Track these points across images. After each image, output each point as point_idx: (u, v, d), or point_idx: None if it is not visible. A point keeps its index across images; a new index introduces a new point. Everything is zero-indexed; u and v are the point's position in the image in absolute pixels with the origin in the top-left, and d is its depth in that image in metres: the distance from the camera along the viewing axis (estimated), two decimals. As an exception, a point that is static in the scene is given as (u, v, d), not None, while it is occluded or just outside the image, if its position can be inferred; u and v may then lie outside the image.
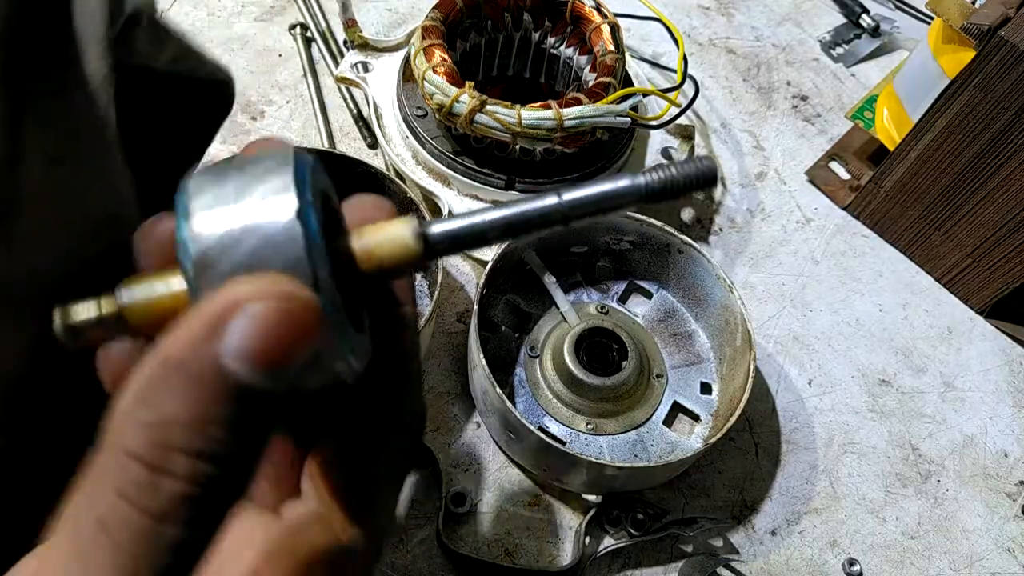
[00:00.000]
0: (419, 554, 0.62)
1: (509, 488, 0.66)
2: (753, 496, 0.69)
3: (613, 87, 0.70)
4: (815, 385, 0.75)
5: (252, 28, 0.91)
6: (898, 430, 0.74)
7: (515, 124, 0.66)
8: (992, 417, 0.76)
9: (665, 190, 0.25)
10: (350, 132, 0.84)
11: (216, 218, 0.23)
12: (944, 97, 0.72)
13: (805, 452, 0.71)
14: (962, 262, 0.80)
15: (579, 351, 0.67)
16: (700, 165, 0.25)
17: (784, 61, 1.00)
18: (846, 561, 0.66)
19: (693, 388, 0.70)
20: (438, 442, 0.67)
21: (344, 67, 0.79)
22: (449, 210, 0.72)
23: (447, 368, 0.71)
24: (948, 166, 0.75)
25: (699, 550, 0.65)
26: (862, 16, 1.02)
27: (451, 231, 0.25)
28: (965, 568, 0.67)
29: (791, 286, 0.81)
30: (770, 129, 0.93)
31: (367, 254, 0.26)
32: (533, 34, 0.79)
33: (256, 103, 0.85)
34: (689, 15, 1.03)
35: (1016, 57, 0.65)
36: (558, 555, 0.63)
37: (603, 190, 0.26)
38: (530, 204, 0.25)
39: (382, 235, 0.26)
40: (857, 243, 0.85)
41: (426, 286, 0.72)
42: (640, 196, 0.25)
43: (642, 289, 0.75)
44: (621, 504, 0.64)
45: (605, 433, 0.66)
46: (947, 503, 0.70)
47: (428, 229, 0.25)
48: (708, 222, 0.84)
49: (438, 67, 0.69)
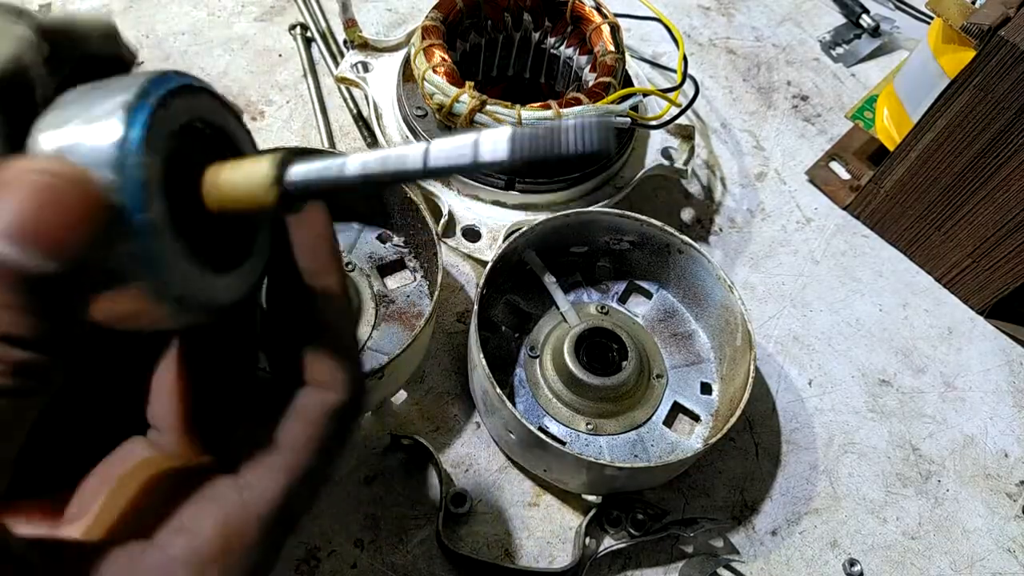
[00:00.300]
0: (419, 554, 0.62)
1: (509, 488, 0.66)
2: (753, 496, 0.68)
3: (613, 87, 0.70)
4: (815, 385, 0.75)
5: (252, 28, 0.91)
6: (898, 430, 0.74)
7: (515, 124, 0.66)
8: (992, 417, 0.76)
9: (538, 157, 0.22)
10: (350, 132, 0.84)
11: (55, 135, 0.23)
12: (944, 97, 0.72)
13: (805, 452, 0.71)
14: (962, 262, 0.80)
15: (579, 351, 0.66)
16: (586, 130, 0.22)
17: (784, 61, 1.00)
18: (846, 561, 0.66)
19: (693, 388, 0.70)
20: (438, 442, 0.67)
21: (344, 67, 0.79)
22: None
23: (447, 368, 0.71)
24: (948, 166, 0.75)
25: (699, 550, 0.65)
26: (862, 16, 1.02)
27: (309, 175, 0.24)
28: (966, 568, 0.67)
29: (791, 286, 0.81)
30: (770, 129, 0.93)
31: (212, 188, 0.25)
32: (533, 34, 0.79)
33: (256, 103, 0.85)
34: (689, 15, 1.03)
35: (1016, 57, 0.65)
36: (558, 556, 0.63)
37: (468, 159, 0.23)
38: (394, 151, 0.24)
39: (236, 172, 0.25)
40: (857, 243, 0.85)
41: (426, 286, 0.72)
42: (512, 161, 0.22)
43: (642, 289, 0.75)
44: (621, 504, 0.64)
45: (605, 433, 0.66)
46: (947, 503, 0.70)
47: (287, 170, 0.24)
48: (708, 222, 0.84)
49: (438, 67, 0.69)
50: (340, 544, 0.61)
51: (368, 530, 0.62)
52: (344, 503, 0.63)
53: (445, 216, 0.71)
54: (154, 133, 0.23)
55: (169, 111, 0.24)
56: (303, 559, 0.60)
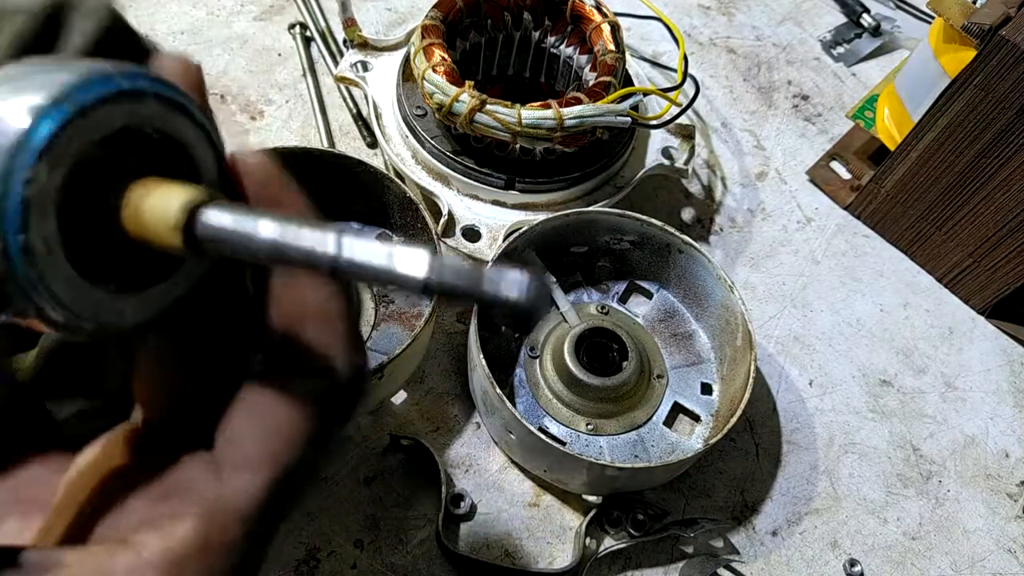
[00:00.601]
0: (419, 555, 0.61)
1: (509, 489, 0.66)
2: (754, 497, 0.68)
3: (613, 86, 0.70)
4: (816, 385, 0.75)
5: (251, 27, 0.91)
6: (899, 430, 0.74)
7: (515, 124, 0.66)
8: (993, 417, 0.76)
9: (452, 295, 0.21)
10: (350, 132, 0.84)
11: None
12: (945, 97, 0.72)
13: (806, 452, 0.71)
14: (963, 262, 0.80)
15: (579, 351, 0.66)
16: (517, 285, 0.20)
17: (785, 60, 1.00)
18: (847, 562, 0.66)
19: (694, 388, 0.70)
20: (438, 442, 0.67)
21: (343, 66, 0.79)
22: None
23: (447, 368, 0.70)
24: (949, 166, 0.75)
25: (700, 551, 0.65)
26: (863, 15, 1.02)
27: (222, 227, 0.22)
28: (966, 569, 0.67)
29: (792, 286, 0.81)
30: (771, 129, 0.93)
31: (131, 210, 0.23)
32: (533, 33, 0.79)
33: (255, 102, 0.85)
34: (689, 14, 1.03)
35: (1017, 57, 0.65)
36: (558, 556, 0.63)
37: (381, 265, 0.21)
38: (307, 235, 0.21)
39: (151, 199, 0.23)
40: (858, 243, 0.85)
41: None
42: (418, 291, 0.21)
43: (642, 289, 0.75)
44: (621, 505, 0.64)
45: (605, 434, 0.66)
46: (948, 503, 0.70)
47: (198, 215, 0.22)
48: (708, 222, 0.84)
49: (438, 66, 0.68)
50: (340, 544, 0.61)
51: (368, 530, 0.62)
52: (344, 503, 0.63)
53: (445, 216, 0.71)
54: (60, 143, 0.21)
55: (90, 120, 0.22)
56: (303, 559, 0.60)
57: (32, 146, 0.20)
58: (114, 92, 0.22)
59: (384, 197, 0.71)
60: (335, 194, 0.71)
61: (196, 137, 0.25)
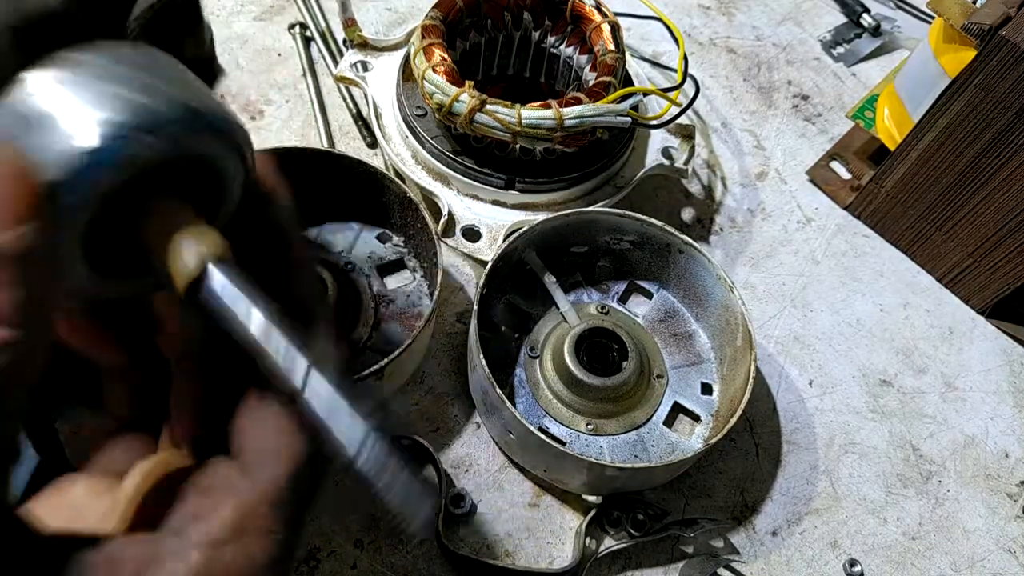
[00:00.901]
0: (419, 555, 0.61)
1: (509, 489, 0.66)
2: (754, 497, 0.68)
3: (613, 86, 0.70)
4: (816, 385, 0.75)
5: (251, 27, 0.91)
6: (899, 430, 0.74)
7: (515, 123, 0.66)
8: (993, 417, 0.76)
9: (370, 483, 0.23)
10: (350, 132, 0.84)
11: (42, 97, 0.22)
12: (945, 97, 0.72)
13: (806, 452, 0.71)
14: (963, 262, 0.80)
15: (579, 351, 0.66)
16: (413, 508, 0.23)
17: (785, 60, 1.00)
18: (847, 562, 0.66)
19: (694, 388, 0.70)
20: (438, 442, 0.67)
21: (343, 66, 0.79)
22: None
23: (447, 368, 0.70)
24: (949, 166, 0.75)
25: (700, 551, 0.65)
26: (863, 15, 1.02)
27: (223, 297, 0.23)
28: (966, 569, 0.67)
29: (792, 286, 0.81)
30: (771, 129, 0.93)
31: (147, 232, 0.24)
32: (533, 33, 0.79)
33: (255, 102, 0.85)
34: (689, 14, 1.03)
35: (1017, 57, 0.65)
36: (558, 556, 0.63)
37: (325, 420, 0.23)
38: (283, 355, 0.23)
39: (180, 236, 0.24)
40: (858, 243, 0.85)
41: (426, 286, 0.72)
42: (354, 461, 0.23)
43: (642, 289, 0.75)
44: (621, 505, 0.64)
45: (605, 434, 0.66)
46: (948, 503, 0.70)
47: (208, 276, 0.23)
48: (708, 222, 0.84)
49: (438, 66, 0.68)
50: (340, 544, 0.61)
51: (368, 530, 0.62)
52: (344, 503, 0.63)
53: (445, 216, 0.71)
54: (130, 160, 0.22)
55: (166, 144, 0.22)
56: (303, 559, 0.60)
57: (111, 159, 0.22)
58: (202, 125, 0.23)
59: (384, 197, 0.71)
60: (335, 194, 0.71)
61: (236, 170, 0.26)
